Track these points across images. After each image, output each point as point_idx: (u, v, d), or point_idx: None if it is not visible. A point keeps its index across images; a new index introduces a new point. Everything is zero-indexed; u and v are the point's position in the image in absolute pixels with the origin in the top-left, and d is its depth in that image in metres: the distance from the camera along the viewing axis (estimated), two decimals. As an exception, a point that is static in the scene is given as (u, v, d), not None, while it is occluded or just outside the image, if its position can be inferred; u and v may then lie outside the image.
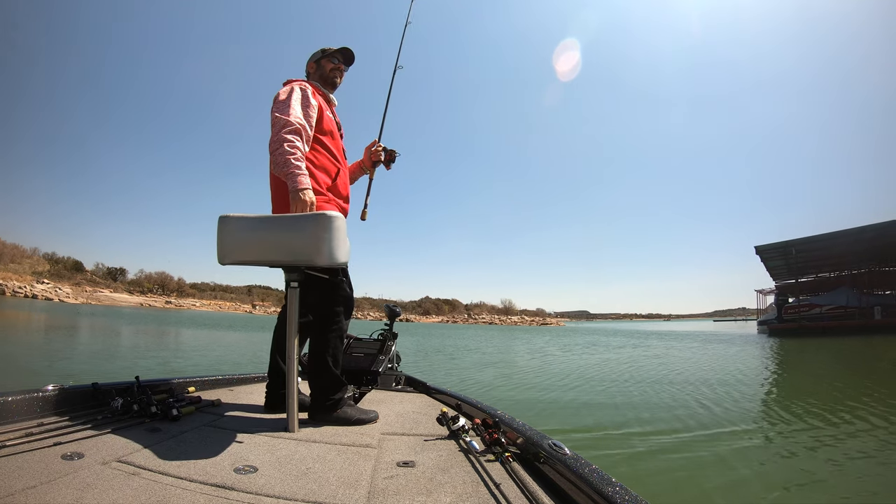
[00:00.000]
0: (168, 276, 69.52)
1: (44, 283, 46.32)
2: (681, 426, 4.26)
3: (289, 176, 1.68)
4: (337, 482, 1.12)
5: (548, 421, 4.53)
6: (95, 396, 1.64)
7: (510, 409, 1.79)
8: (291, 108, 1.78)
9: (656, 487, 2.78)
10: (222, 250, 1.58)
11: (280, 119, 1.73)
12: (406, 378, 2.66)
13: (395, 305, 3.02)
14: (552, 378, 7.70)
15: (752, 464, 3.23)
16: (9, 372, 6.03)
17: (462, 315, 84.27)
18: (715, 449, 3.54)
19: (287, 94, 1.82)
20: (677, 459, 3.28)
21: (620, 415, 4.76)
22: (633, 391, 6.32)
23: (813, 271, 32.02)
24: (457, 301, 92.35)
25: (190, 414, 1.66)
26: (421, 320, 75.57)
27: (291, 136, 1.72)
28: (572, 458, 1.11)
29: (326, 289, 1.80)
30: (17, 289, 41.03)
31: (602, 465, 1.06)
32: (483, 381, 7.20)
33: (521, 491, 1.08)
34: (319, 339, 1.78)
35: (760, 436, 4.04)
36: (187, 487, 1.03)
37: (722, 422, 4.46)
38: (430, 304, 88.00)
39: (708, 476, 2.97)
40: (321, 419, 1.71)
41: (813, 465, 3.24)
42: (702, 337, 25.27)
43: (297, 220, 1.54)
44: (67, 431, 1.31)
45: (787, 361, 12.06)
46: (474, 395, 2.04)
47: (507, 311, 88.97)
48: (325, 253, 1.48)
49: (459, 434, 1.53)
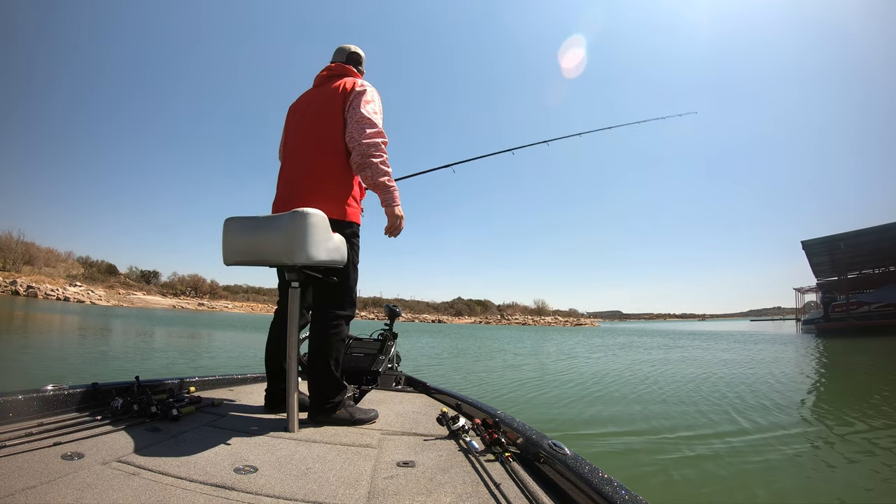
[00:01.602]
0: (201, 278, 69.46)
1: (76, 286, 46.77)
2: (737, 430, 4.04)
3: (387, 190, 1.81)
4: (337, 482, 1.12)
5: (601, 427, 4.29)
6: (95, 396, 1.64)
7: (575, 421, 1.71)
8: (380, 116, 1.87)
9: (657, 487, 2.78)
10: (225, 252, 1.64)
11: (376, 127, 1.81)
12: (406, 378, 2.66)
13: (394, 305, 3.02)
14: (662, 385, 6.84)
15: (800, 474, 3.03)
16: (31, 371, 6.02)
17: (495, 316, 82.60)
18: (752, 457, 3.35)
19: (373, 97, 1.88)
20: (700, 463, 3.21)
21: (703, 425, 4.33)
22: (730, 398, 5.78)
23: (857, 267, 30.48)
24: (489, 302, 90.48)
25: (190, 414, 1.66)
26: (453, 321, 73.82)
27: (385, 150, 1.82)
28: (572, 458, 1.11)
29: (327, 289, 1.79)
30: (50, 291, 41.42)
31: (602, 465, 1.06)
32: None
33: (521, 491, 1.08)
34: (320, 340, 1.77)
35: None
36: (187, 487, 1.03)
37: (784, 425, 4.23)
38: (463, 305, 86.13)
39: (722, 479, 2.91)
40: (321, 420, 1.71)
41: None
42: (747, 337, 23.97)
43: (278, 219, 1.56)
44: (67, 431, 1.30)
45: (849, 364, 10.88)
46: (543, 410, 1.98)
47: (540, 312, 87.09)
48: (302, 251, 1.49)
49: (459, 434, 1.53)
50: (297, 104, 2.03)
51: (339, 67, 2.01)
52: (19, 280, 42.04)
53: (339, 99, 1.87)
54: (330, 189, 1.82)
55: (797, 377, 8.08)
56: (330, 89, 1.91)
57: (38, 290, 40.30)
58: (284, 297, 1.87)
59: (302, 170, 1.86)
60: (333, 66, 2.02)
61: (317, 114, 1.89)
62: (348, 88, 1.88)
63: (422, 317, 75.75)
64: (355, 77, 1.99)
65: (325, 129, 1.85)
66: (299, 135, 1.93)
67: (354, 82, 1.91)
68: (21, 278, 43.11)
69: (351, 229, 1.86)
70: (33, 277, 45.23)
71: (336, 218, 1.79)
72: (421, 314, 78.43)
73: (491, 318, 79.63)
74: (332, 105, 1.87)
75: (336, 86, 1.91)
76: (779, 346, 16.68)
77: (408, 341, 17.05)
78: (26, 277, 44.40)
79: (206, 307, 58.54)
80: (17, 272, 46.28)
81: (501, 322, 75.94)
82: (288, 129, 2.04)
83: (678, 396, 5.92)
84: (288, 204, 1.76)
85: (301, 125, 1.94)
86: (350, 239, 1.83)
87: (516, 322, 76.07)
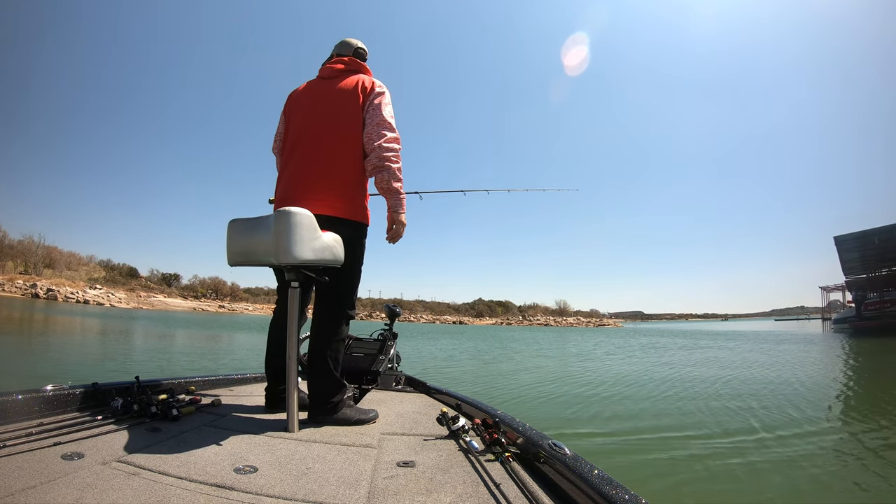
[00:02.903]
0: (221, 281, 69.70)
1: (96, 289, 47.19)
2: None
3: (398, 196, 1.81)
4: (337, 482, 1.12)
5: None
6: (95, 396, 1.64)
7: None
8: (394, 121, 1.84)
9: (657, 487, 2.78)
10: (228, 253, 1.65)
11: (395, 132, 1.80)
12: (406, 378, 2.66)
13: (394, 306, 3.03)
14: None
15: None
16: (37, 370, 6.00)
17: (516, 317, 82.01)
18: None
19: (390, 100, 1.86)
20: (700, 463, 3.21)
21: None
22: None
23: (888, 264, 29.81)
24: (510, 303, 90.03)
25: (190, 414, 1.66)
26: (474, 322, 73.08)
27: (400, 156, 1.81)
28: (572, 457, 1.11)
29: (327, 289, 1.78)
30: (69, 294, 41.84)
31: (602, 465, 1.06)
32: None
33: (521, 491, 1.08)
34: (320, 340, 1.76)
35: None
36: (187, 487, 1.03)
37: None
38: (484, 306, 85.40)
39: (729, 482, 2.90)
40: (321, 420, 1.70)
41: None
42: (777, 338, 23.44)
43: (266, 220, 1.56)
44: (67, 431, 1.31)
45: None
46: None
47: (561, 313, 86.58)
48: (287, 251, 1.48)
49: (459, 434, 1.53)
50: (303, 95, 1.94)
51: (354, 63, 1.95)
52: (39, 283, 42.55)
53: (358, 97, 1.81)
54: (342, 188, 1.78)
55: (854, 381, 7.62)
56: (346, 85, 1.84)
57: (58, 293, 40.70)
58: (284, 296, 1.86)
59: (312, 166, 1.79)
60: (347, 59, 1.95)
61: (332, 109, 1.82)
62: (368, 87, 1.83)
63: (443, 318, 75.30)
64: (370, 75, 1.95)
65: (343, 127, 1.80)
66: (310, 129, 1.84)
67: (373, 82, 1.86)
68: (41, 281, 43.65)
69: (359, 230, 1.84)
70: (53, 280, 45.76)
71: (346, 217, 1.77)
72: (442, 315, 78.01)
73: (512, 320, 79.05)
74: (352, 103, 1.81)
75: (354, 82, 1.84)
76: (811, 345, 16.29)
77: (429, 343, 16.90)
78: (46, 280, 44.96)
79: (226, 309, 58.68)
80: (38, 275, 46.95)
81: (523, 323, 75.38)
82: (292, 120, 1.92)
83: (711, 398, 5.78)
84: (294, 200, 1.71)
85: (312, 119, 1.85)
86: (356, 239, 1.81)
87: (538, 323, 75.46)
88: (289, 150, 1.90)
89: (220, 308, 58.80)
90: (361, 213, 1.84)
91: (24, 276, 44.90)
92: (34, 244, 50.50)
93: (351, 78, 1.87)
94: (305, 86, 1.98)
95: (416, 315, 74.91)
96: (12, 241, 48.58)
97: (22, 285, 41.39)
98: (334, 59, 1.98)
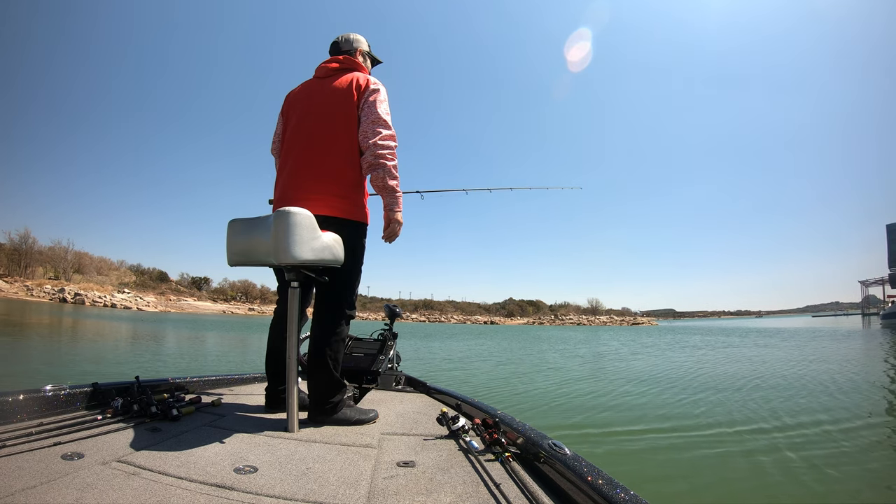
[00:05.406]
0: (251, 283, 70.04)
1: (124, 293, 47.64)
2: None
3: (394, 194, 1.81)
4: (337, 482, 1.12)
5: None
6: (95, 396, 1.64)
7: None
8: (390, 118, 1.84)
9: (657, 488, 2.78)
10: (227, 253, 1.64)
11: (390, 129, 1.81)
12: (406, 378, 2.66)
13: (395, 306, 3.03)
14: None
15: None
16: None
17: (548, 316, 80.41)
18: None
19: (386, 97, 1.86)
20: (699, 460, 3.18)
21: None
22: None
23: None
24: (541, 302, 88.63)
25: (190, 414, 1.66)
26: (505, 322, 71.58)
27: (396, 153, 1.81)
28: (572, 457, 1.11)
29: (328, 289, 1.78)
30: (97, 298, 42.25)
31: (602, 465, 1.06)
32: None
33: (521, 491, 1.08)
34: (320, 340, 1.76)
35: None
36: (187, 487, 1.03)
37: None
38: (514, 306, 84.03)
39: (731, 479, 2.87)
40: (321, 420, 1.70)
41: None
42: (823, 334, 22.67)
43: (265, 220, 1.55)
44: (67, 431, 1.31)
45: None
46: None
47: (594, 312, 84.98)
48: (286, 251, 1.48)
49: (459, 434, 1.54)
50: (300, 95, 1.95)
51: (349, 61, 1.95)
52: (67, 288, 43.02)
53: (353, 95, 1.81)
54: (340, 187, 1.78)
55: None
56: (341, 83, 1.84)
57: (86, 298, 41.16)
58: (284, 296, 1.86)
59: (310, 166, 1.79)
60: (342, 58, 1.95)
61: (328, 109, 1.82)
62: (362, 85, 1.83)
63: (473, 318, 74.59)
64: (365, 72, 1.95)
65: (338, 126, 1.80)
66: (306, 129, 1.84)
67: (368, 79, 1.86)
68: (69, 286, 44.11)
69: (359, 229, 1.84)
70: (82, 285, 46.36)
71: (345, 217, 1.77)
72: (472, 315, 77.27)
73: (544, 319, 77.89)
74: (346, 101, 1.81)
75: (348, 80, 1.84)
76: (872, 341, 15.84)
77: (460, 344, 16.20)
78: (74, 285, 45.53)
79: (256, 312, 58.75)
80: (67, 281, 47.49)
81: (555, 322, 74.20)
82: (289, 121, 1.94)
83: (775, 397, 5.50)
84: (292, 201, 1.71)
85: (307, 119, 1.85)
86: (356, 239, 1.81)
87: (570, 322, 74.31)
88: (286, 151, 1.90)
89: (249, 311, 58.94)
90: (360, 213, 1.84)
91: (52, 282, 45.29)
92: (63, 250, 51.17)
93: (346, 76, 1.87)
94: (302, 86, 1.99)
95: (447, 315, 74.06)
96: (42, 248, 49.35)
97: (50, 290, 41.85)
98: (329, 58, 1.99)
